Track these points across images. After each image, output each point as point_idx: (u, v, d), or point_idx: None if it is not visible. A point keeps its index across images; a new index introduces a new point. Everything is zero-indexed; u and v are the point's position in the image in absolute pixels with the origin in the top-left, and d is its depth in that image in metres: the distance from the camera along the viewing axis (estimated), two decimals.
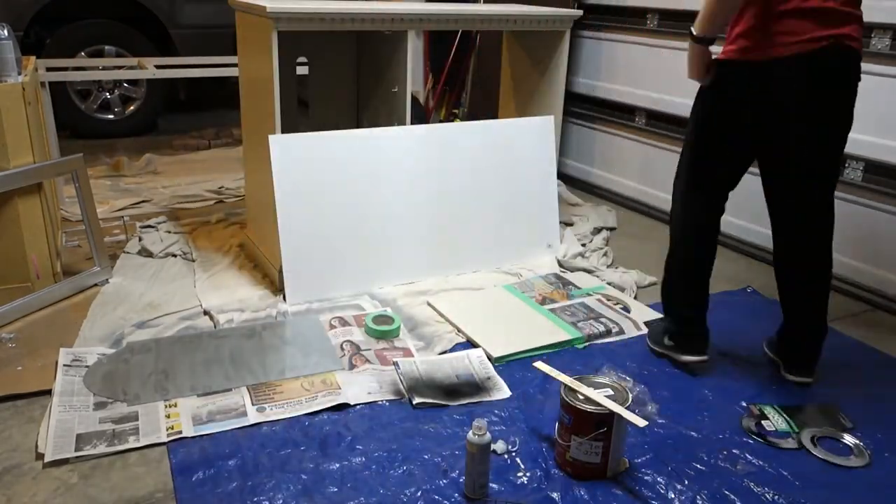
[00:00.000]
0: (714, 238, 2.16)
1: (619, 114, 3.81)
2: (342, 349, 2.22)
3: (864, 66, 2.64)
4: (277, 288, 2.60)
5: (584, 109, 4.03)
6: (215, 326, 2.37)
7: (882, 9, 2.57)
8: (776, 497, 1.68)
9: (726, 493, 1.69)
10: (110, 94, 4.90)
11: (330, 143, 2.56)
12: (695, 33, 1.93)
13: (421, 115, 4.62)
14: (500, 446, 1.80)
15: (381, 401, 2.00)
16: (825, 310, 2.10)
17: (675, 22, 3.39)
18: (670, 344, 2.22)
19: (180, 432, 1.82)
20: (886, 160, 2.64)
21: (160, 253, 2.94)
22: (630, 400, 1.70)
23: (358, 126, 3.35)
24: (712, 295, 2.73)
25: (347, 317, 2.42)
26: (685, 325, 2.21)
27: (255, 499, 1.61)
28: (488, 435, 1.60)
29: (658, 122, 3.59)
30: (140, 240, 3.05)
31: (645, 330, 2.43)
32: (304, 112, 3.37)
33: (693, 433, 1.91)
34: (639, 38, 3.61)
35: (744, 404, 2.05)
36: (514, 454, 1.80)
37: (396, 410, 1.96)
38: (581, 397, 1.69)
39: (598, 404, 1.66)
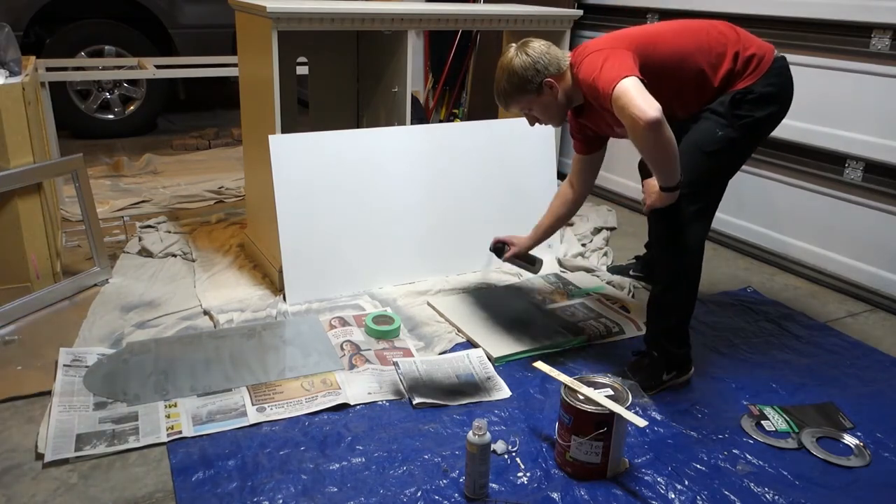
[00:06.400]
0: None
1: None
2: (342, 349, 2.22)
3: (864, 66, 2.68)
4: (277, 288, 2.60)
5: None
6: (215, 326, 2.37)
7: (882, 9, 2.57)
8: (776, 497, 1.68)
9: (726, 493, 1.69)
10: (110, 94, 4.90)
11: (330, 142, 2.56)
12: (671, 185, 1.85)
13: (421, 115, 4.62)
14: (500, 446, 1.80)
15: (381, 401, 2.00)
16: None
17: None
18: (671, 375, 2.09)
19: (180, 432, 1.82)
20: (886, 160, 2.64)
21: (160, 253, 2.94)
22: (630, 400, 1.70)
23: (358, 126, 3.35)
24: (712, 295, 2.76)
25: (347, 317, 2.42)
26: (688, 347, 2.13)
27: (255, 499, 1.61)
28: (488, 435, 1.60)
29: None
30: (140, 240, 3.05)
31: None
32: (304, 112, 3.37)
33: (693, 433, 1.91)
34: None
35: (744, 404, 2.05)
36: (514, 454, 1.80)
37: (396, 410, 1.96)
38: (581, 397, 1.69)
39: (598, 404, 1.66)
